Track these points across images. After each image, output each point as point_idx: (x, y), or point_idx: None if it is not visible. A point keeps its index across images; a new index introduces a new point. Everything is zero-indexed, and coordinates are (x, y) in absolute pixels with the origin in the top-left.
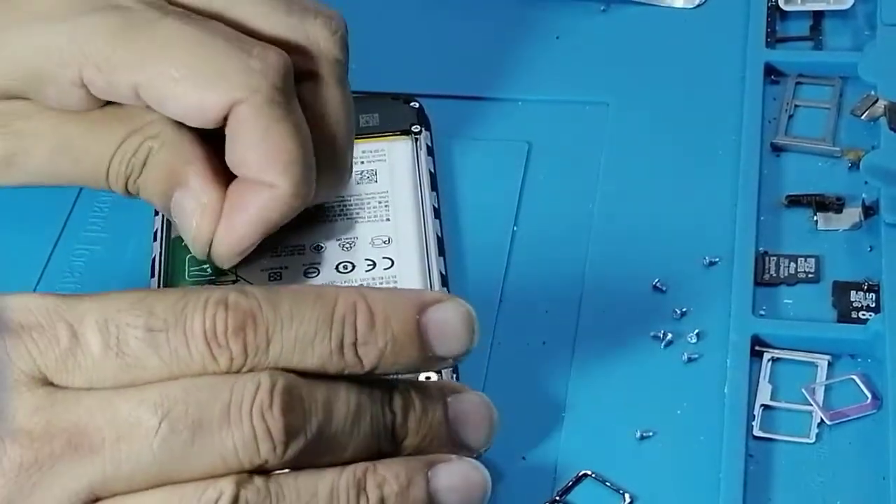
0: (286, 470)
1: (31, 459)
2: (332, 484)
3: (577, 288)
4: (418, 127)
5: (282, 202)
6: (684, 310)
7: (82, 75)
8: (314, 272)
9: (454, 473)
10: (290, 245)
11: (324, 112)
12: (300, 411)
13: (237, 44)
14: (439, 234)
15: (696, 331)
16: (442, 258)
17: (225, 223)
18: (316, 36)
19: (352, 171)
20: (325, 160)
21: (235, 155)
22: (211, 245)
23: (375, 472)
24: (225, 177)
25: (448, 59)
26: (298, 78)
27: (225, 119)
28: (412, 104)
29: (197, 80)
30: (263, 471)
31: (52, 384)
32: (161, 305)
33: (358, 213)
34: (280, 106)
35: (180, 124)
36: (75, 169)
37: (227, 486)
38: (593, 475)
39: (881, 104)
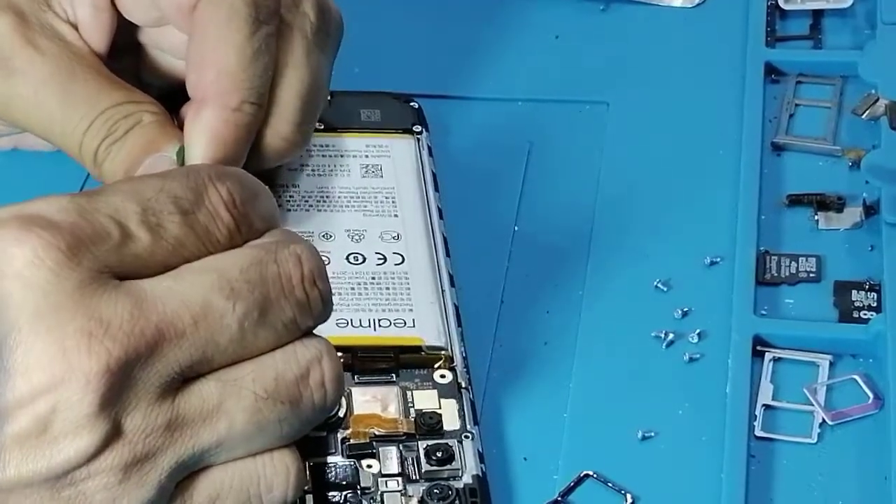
0: None
1: (129, 354)
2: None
3: (578, 288)
4: (419, 127)
5: (206, 113)
6: (686, 309)
7: None
8: (324, 260)
9: None
10: (299, 231)
11: (281, 55)
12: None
13: None
14: (444, 235)
15: (698, 331)
16: (449, 259)
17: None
18: None
19: (304, 140)
20: (273, 113)
21: (187, 55)
22: None
23: None
24: None
25: (448, 59)
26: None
27: None
28: (412, 104)
29: None
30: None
31: (116, 277)
32: (179, 188)
33: (365, 207)
34: (240, 16)
35: (173, 121)
36: (62, 106)
37: (315, 343)
38: (595, 475)
39: (882, 103)
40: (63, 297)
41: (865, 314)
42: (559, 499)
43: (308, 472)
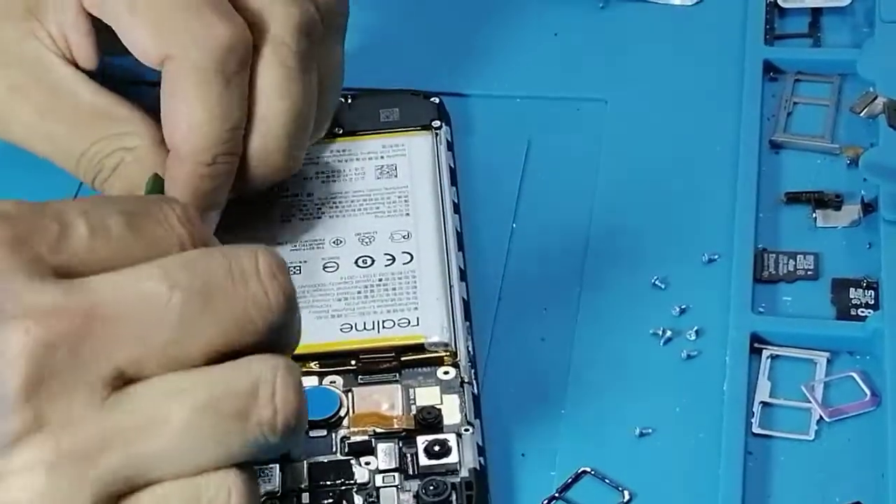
0: None
1: (54, 338)
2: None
3: (575, 285)
4: (438, 122)
5: (182, 168)
6: (683, 307)
7: None
8: (333, 266)
9: None
10: (310, 239)
11: (257, 91)
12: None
13: (198, 1)
14: (458, 230)
15: (696, 328)
16: (461, 253)
17: None
18: (273, 13)
19: (291, 161)
20: (254, 141)
21: (161, 106)
22: None
23: None
24: None
25: (445, 56)
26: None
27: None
28: (432, 99)
29: (147, 17)
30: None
31: (51, 271)
32: (128, 200)
33: (377, 208)
34: (206, 76)
35: (161, 141)
36: (52, 145)
37: (272, 359)
38: (592, 472)
39: (880, 101)
40: None
41: (863, 312)
42: (557, 495)
43: (305, 470)
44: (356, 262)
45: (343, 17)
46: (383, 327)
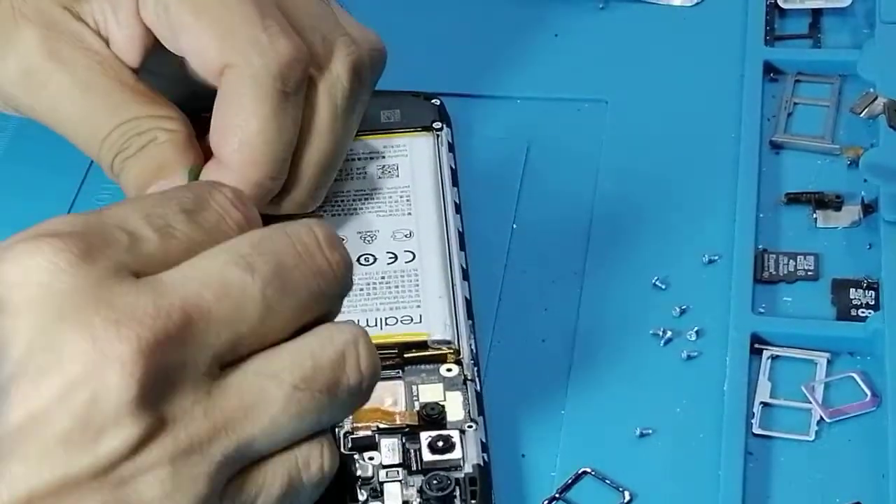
0: None
1: (161, 336)
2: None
3: (576, 286)
4: (439, 123)
5: (235, 180)
6: (684, 307)
7: None
8: None
9: None
10: None
11: (305, 122)
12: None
13: (262, 17)
14: (460, 229)
15: (696, 328)
16: (463, 252)
17: None
18: (329, 49)
19: (314, 194)
20: (289, 180)
21: (213, 113)
22: None
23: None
24: None
25: (446, 57)
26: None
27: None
28: (433, 101)
29: (211, 25)
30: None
31: (133, 275)
32: (180, 194)
33: (379, 207)
34: (266, 88)
35: (194, 137)
36: (81, 116)
37: (349, 328)
38: (593, 473)
39: (880, 102)
40: (83, 295)
41: (863, 312)
42: (557, 496)
43: None
44: (358, 260)
45: (381, 69)
46: (386, 324)
